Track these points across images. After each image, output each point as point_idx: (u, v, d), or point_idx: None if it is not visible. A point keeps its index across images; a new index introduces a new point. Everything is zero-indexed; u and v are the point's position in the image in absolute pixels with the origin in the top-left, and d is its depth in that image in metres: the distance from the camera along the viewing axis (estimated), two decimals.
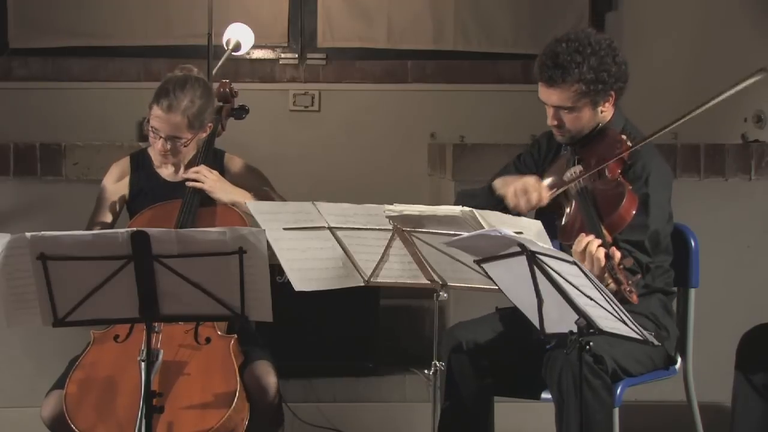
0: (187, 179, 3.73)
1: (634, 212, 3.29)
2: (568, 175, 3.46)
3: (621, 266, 3.02)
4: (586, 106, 3.45)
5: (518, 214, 3.42)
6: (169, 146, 3.69)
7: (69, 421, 3.27)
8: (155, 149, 3.74)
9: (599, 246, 3.08)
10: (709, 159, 4.79)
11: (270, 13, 6.23)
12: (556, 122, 3.49)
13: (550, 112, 3.50)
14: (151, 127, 3.69)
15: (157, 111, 3.66)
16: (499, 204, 3.46)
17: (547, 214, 3.46)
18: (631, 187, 3.33)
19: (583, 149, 3.50)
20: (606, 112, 3.50)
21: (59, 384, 3.44)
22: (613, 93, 3.47)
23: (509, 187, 3.46)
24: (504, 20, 6.33)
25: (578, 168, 3.46)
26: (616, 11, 6.32)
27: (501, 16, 6.33)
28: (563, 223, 3.39)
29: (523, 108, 6.04)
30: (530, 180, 3.45)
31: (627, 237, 3.33)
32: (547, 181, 3.52)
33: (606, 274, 3.00)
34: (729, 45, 5.71)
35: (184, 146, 3.72)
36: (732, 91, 3.30)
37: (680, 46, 6.01)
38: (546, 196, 3.42)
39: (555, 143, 3.64)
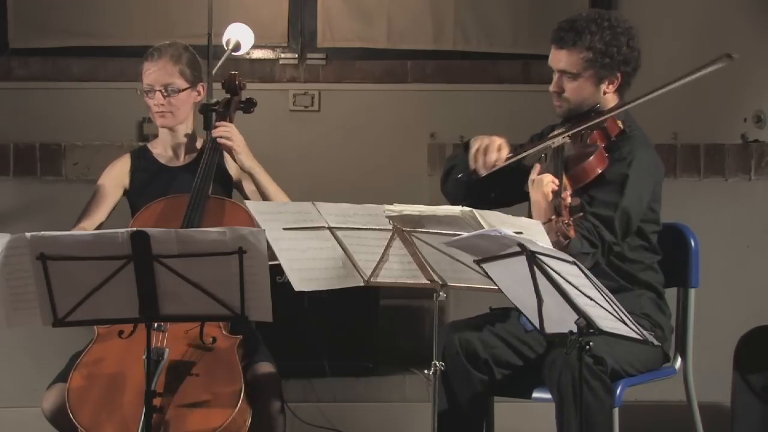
0: (217, 136, 3.74)
1: (600, 171, 3.36)
2: (551, 135, 3.51)
3: (567, 204, 3.12)
4: (590, 78, 3.50)
5: (477, 175, 3.49)
6: (165, 95, 3.73)
7: (71, 416, 3.27)
8: (152, 110, 3.79)
9: (550, 181, 3.20)
10: (709, 159, 4.79)
11: (270, 13, 6.23)
12: (557, 89, 3.54)
13: (554, 78, 3.55)
14: (145, 88, 3.77)
15: (146, 65, 3.79)
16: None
17: (526, 174, 3.49)
18: (607, 155, 3.39)
19: (576, 125, 3.52)
20: (608, 95, 3.54)
21: (61, 378, 3.44)
22: (619, 75, 3.51)
23: (475, 143, 3.52)
24: (504, 20, 6.32)
25: (561, 129, 3.50)
26: (616, 11, 6.31)
27: (501, 16, 6.32)
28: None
29: (523, 108, 6.04)
30: (496, 140, 3.50)
31: (597, 211, 3.36)
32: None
33: (552, 211, 3.11)
34: (729, 44, 5.69)
35: (179, 92, 3.75)
36: (696, 75, 3.32)
37: (680, 46, 6.01)
38: (503, 158, 3.47)
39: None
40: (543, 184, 3.24)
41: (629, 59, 3.50)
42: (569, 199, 3.14)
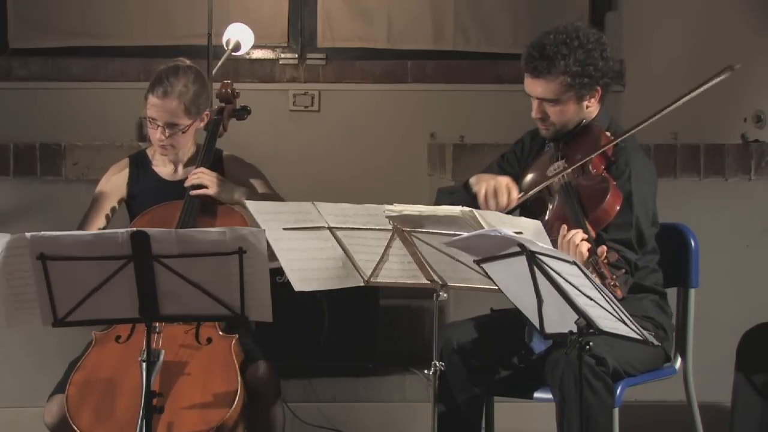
0: (191, 186, 3.70)
1: (618, 208, 3.30)
2: (551, 170, 3.46)
3: (606, 261, 3.02)
4: (570, 99, 3.46)
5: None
6: (167, 134, 3.69)
7: (71, 422, 3.27)
8: (154, 140, 3.74)
9: (583, 239, 3.08)
10: (709, 159, 4.79)
11: (270, 13, 6.23)
12: (540, 115, 3.50)
13: (534, 104, 3.50)
14: (149, 117, 3.70)
15: (153, 100, 3.68)
16: (474, 201, 3.47)
17: (532, 211, 3.46)
18: (615, 183, 3.34)
19: (566, 145, 3.50)
20: (591, 108, 3.51)
21: (60, 388, 3.44)
22: (599, 88, 3.48)
23: (482, 186, 3.45)
24: (504, 20, 6.33)
25: (561, 163, 3.45)
26: (616, 11, 6.32)
27: (501, 16, 6.32)
28: (546, 218, 3.40)
29: (522, 108, 6.02)
30: (502, 181, 3.43)
31: (614, 236, 3.34)
32: (528, 178, 3.52)
33: (590, 269, 2.99)
34: (728, 45, 5.71)
35: (183, 133, 3.72)
36: (700, 90, 3.29)
37: (680, 46, 6.01)
38: (515, 199, 3.41)
39: (539, 141, 3.65)
40: (575, 244, 3.07)
41: (606, 71, 3.46)
42: (605, 254, 3.02)
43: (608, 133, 3.45)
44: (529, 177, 3.53)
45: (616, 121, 3.59)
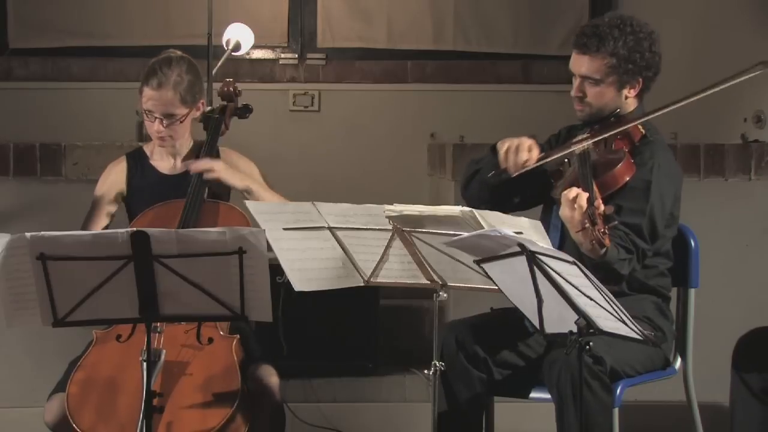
0: (197, 175, 3.71)
1: (627, 179, 3.34)
2: (574, 141, 3.50)
3: (602, 213, 3.07)
4: (612, 84, 3.49)
5: (508, 174, 3.47)
6: (165, 124, 3.69)
7: (71, 421, 3.27)
8: (152, 132, 3.74)
9: (579, 193, 3.13)
10: (709, 159, 4.79)
11: (270, 13, 6.23)
12: (579, 94, 3.53)
13: (575, 83, 3.54)
14: (145, 110, 3.71)
15: (148, 92, 3.68)
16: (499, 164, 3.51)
17: (549, 179, 3.50)
18: (633, 161, 3.37)
19: (602, 131, 3.52)
20: (629, 99, 3.54)
21: (61, 387, 3.44)
22: (640, 80, 3.51)
23: (504, 143, 3.51)
24: (504, 20, 6.33)
25: (586, 135, 3.49)
26: (616, 11, 6.31)
27: (501, 16, 6.32)
28: (561, 181, 3.44)
29: (522, 108, 6.05)
30: (526, 140, 3.49)
31: (625, 220, 3.35)
32: (553, 150, 3.55)
33: (587, 218, 3.06)
34: (729, 44, 5.71)
35: (180, 122, 3.71)
36: (732, 82, 3.29)
37: (680, 45, 6.01)
38: (535, 157, 3.47)
39: (574, 134, 3.66)
40: (573, 199, 3.13)
41: (651, 64, 3.51)
42: (602, 208, 3.09)
43: (641, 127, 3.47)
44: (554, 149, 3.58)
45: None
